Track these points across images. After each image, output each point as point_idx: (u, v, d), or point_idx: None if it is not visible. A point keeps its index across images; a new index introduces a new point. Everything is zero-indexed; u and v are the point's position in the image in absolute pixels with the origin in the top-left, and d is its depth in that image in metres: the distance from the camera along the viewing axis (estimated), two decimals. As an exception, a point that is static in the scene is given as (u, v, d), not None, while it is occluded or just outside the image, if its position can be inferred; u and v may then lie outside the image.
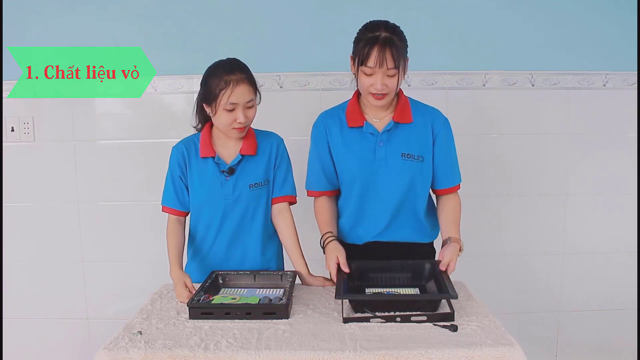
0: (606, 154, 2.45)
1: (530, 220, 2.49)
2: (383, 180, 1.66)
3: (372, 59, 1.53)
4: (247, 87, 1.58)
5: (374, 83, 1.56)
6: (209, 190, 1.69)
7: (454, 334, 1.29)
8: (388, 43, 1.52)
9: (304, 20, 2.32)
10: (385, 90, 1.57)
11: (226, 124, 1.61)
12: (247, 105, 1.60)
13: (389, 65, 1.53)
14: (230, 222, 1.70)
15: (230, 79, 1.56)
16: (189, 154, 1.70)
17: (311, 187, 1.76)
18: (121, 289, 2.46)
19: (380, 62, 1.53)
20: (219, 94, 1.57)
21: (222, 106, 1.58)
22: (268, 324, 1.36)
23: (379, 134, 1.66)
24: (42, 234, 2.46)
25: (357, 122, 1.67)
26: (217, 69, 1.61)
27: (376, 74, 1.55)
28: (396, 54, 1.52)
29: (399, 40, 1.55)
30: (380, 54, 1.52)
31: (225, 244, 1.72)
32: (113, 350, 1.22)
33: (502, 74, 2.38)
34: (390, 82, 1.56)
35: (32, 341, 2.51)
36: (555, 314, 2.55)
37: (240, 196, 1.69)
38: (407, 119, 1.66)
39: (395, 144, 1.65)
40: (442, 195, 1.75)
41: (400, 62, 1.54)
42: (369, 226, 1.71)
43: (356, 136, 1.68)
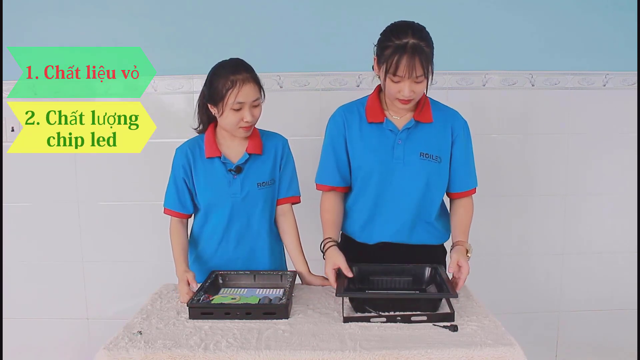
0: (606, 154, 2.45)
1: (530, 220, 2.49)
2: (400, 178, 1.63)
3: (401, 69, 1.49)
4: (253, 86, 1.59)
5: (402, 90, 1.53)
6: (216, 190, 1.69)
7: (454, 334, 1.29)
8: (417, 52, 1.48)
9: (304, 20, 2.32)
10: (412, 96, 1.54)
11: (233, 124, 1.61)
12: (254, 104, 1.61)
13: (417, 73, 1.49)
14: (238, 222, 1.70)
15: (236, 79, 1.57)
16: (194, 155, 1.70)
17: (322, 181, 1.72)
18: (121, 289, 2.46)
19: (409, 72, 1.49)
20: (226, 93, 1.57)
21: (229, 106, 1.58)
22: (268, 324, 1.36)
23: (399, 131, 1.63)
24: (42, 234, 2.46)
25: (377, 118, 1.64)
26: (223, 69, 1.61)
27: (404, 81, 1.52)
28: (425, 62, 1.49)
29: (427, 46, 1.50)
30: (409, 63, 1.48)
31: (233, 244, 1.72)
32: (113, 350, 1.22)
33: (502, 74, 2.38)
34: (418, 88, 1.53)
35: (32, 341, 2.51)
36: (555, 314, 2.55)
37: (248, 194, 1.69)
38: (428, 118, 1.64)
39: (414, 142, 1.63)
40: (456, 199, 1.72)
41: (428, 68, 1.50)
42: (383, 226, 1.67)
43: (375, 132, 1.65)
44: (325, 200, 1.73)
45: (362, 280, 1.59)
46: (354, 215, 1.72)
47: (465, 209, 1.70)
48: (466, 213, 1.70)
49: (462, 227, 1.67)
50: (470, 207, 1.71)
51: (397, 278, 1.58)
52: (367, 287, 1.58)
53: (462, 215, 1.69)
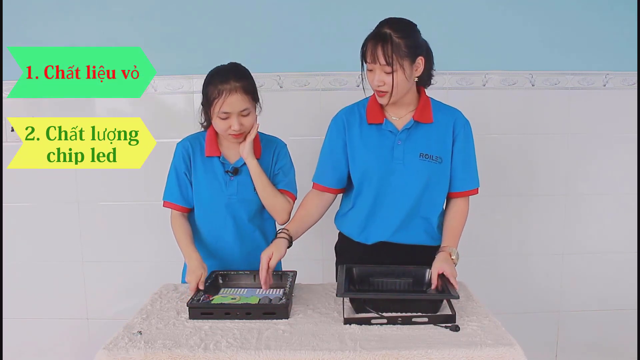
0: (606, 154, 2.45)
1: (530, 220, 2.49)
2: (399, 179, 1.62)
3: (368, 55, 1.52)
4: (240, 96, 1.58)
5: (373, 79, 1.55)
6: (214, 189, 1.69)
7: (454, 334, 1.29)
8: (382, 39, 1.49)
9: (304, 20, 2.32)
10: (383, 87, 1.54)
11: (222, 130, 1.63)
12: (242, 114, 1.60)
13: (380, 62, 1.50)
14: (232, 222, 1.70)
15: (223, 88, 1.56)
16: (194, 151, 1.70)
17: (317, 180, 1.72)
18: (121, 289, 2.46)
19: (373, 58, 1.51)
20: (213, 102, 1.58)
21: (215, 114, 1.59)
22: (268, 324, 1.36)
23: (398, 132, 1.62)
24: (42, 234, 2.46)
25: (376, 119, 1.64)
26: (214, 77, 1.61)
27: (375, 70, 1.53)
28: (389, 51, 1.48)
29: (400, 37, 1.49)
30: (373, 49, 1.51)
31: (227, 244, 1.72)
32: (113, 350, 1.22)
33: (502, 74, 2.38)
34: (388, 79, 1.52)
35: (32, 341, 2.51)
36: (555, 314, 2.55)
37: (245, 198, 1.69)
38: (428, 119, 1.63)
39: (414, 143, 1.62)
40: (451, 199, 1.70)
41: (394, 59, 1.49)
42: (381, 226, 1.66)
43: (375, 133, 1.64)
44: (308, 196, 1.73)
45: (362, 282, 1.58)
46: (353, 215, 1.71)
47: (459, 212, 1.68)
48: (459, 217, 1.68)
49: (453, 231, 1.65)
50: (465, 210, 1.69)
51: (397, 280, 1.58)
52: (367, 289, 1.57)
53: (454, 219, 1.67)
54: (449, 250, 1.59)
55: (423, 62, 1.57)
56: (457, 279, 1.50)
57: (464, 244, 1.69)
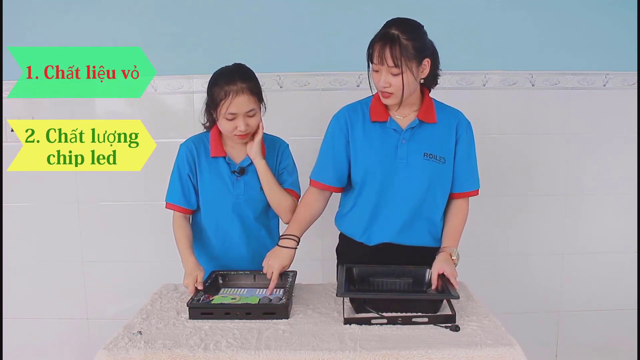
0: (606, 154, 2.45)
1: (530, 220, 2.49)
2: (402, 179, 1.61)
3: (375, 56, 1.51)
4: (247, 97, 1.58)
5: (379, 80, 1.54)
6: (220, 189, 1.69)
7: (454, 334, 1.29)
8: (390, 41, 1.49)
9: (304, 20, 2.32)
10: (389, 89, 1.54)
11: (228, 131, 1.63)
12: (248, 115, 1.60)
13: (388, 63, 1.49)
14: (238, 222, 1.70)
15: (230, 89, 1.56)
16: (199, 152, 1.70)
17: (317, 178, 1.70)
18: (121, 289, 2.46)
19: (380, 60, 1.51)
20: (219, 103, 1.58)
21: (222, 115, 1.59)
22: (268, 324, 1.36)
23: (403, 131, 1.61)
24: (42, 234, 2.46)
25: (380, 117, 1.63)
26: (220, 78, 1.61)
27: (381, 71, 1.53)
28: (398, 53, 1.48)
29: (408, 39, 1.49)
30: (380, 51, 1.50)
31: (233, 244, 1.72)
32: (113, 350, 1.22)
33: (502, 74, 2.38)
34: (394, 81, 1.52)
35: (32, 341, 2.51)
36: (555, 314, 2.55)
37: (251, 197, 1.70)
38: (432, 119, 1.62)
39: (418, 142, 1.61)
40: (452, 200, 1.70)
41: (402, 61, 1.49)
42: (384, 227, 1.65)
43: (378, 131, 1.63)
44: (309, 195, 1.71)
45: (362, 282, 1.58)
46: (355, 216, 1.70)
47: (460, 212, 1.68)
48: (459, 217, 1.68)
49: (453, 232, 1.65)
50: (465, 210, 1.70)
51: (397, 280, 1.58)
52: (367, 289, 1.57)
53: (454, 219, 1.67)
54: (449, 250, 1.59)
55: (429, 63, 1.57)
56: (457, 279, 1.49)
57: (464, 244, 1.69)
